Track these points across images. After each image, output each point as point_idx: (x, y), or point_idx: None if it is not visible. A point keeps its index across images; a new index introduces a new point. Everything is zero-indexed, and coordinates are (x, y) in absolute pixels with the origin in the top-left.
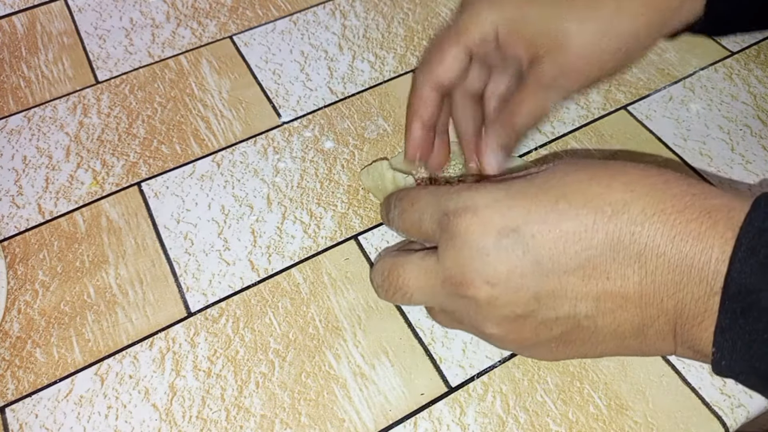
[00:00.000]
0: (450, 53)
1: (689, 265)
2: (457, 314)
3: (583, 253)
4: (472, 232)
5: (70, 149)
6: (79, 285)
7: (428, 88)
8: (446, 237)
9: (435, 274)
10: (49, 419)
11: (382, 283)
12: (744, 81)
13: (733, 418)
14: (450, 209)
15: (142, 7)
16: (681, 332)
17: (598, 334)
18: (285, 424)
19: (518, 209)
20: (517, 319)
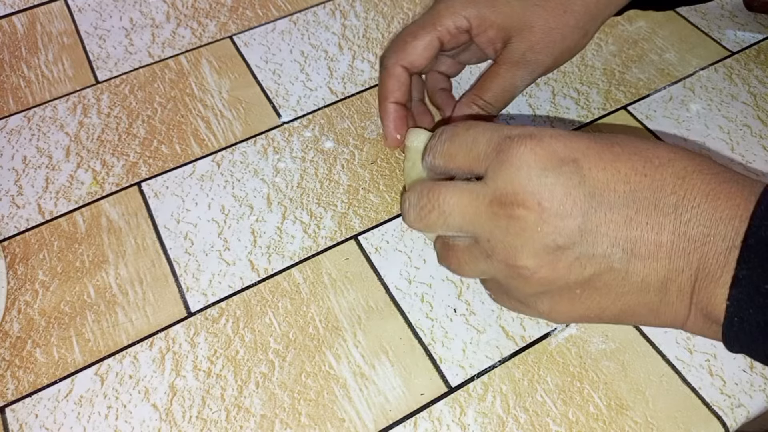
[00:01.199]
0: (423, 40)
1: (718, 219)
2: (491, 241)
3: (630, 194)
4: (533, 155)
5: (70, 149)
6: (79, 285)
7: (399, 69)
8: (503, 158)
9: (482, 195)
10: (49, 419)
11: (419, 201)
12: (744, 81)
13: (733, 418)
14: (513, 134)
15: (142, 7)
16: (699, 289)
17: (626, 283)
18: (285, 424)
19: (579, 144)
20: (557, 249)
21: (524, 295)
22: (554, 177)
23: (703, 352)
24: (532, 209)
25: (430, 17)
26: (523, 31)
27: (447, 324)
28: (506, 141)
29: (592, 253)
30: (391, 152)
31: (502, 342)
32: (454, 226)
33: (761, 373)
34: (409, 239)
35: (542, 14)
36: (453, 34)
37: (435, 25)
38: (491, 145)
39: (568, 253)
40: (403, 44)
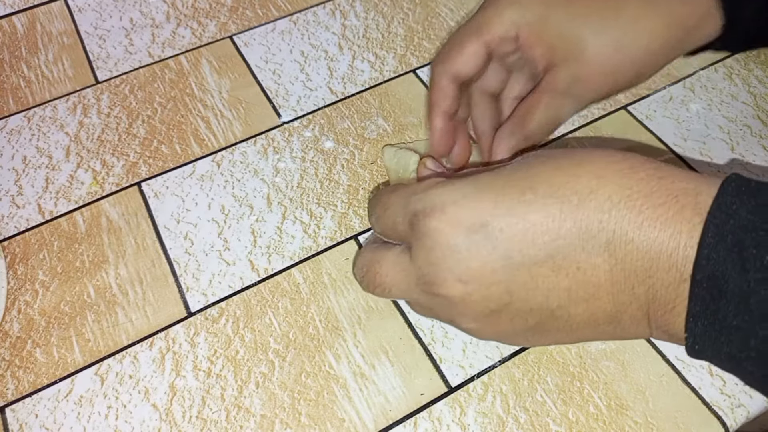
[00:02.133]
0: (470, 48)
1: (658, 251)
2: (434, 310)
3: (551, 243)
4: (440, 231)
5: (70, 149)
6: (79, 285)
7: (446, 79)
8: (416, 237)
9: (409, 272)
10: (49, 419)
11: (363, 278)
12: (744, 81)
13: (733, 418)
14: (418, 209)
15: (142, 7)
16: (654, 318)
17: (572, 323)
18: (285, 424)
19: (485, 203)
20: (492, 313)
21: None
22: (465, 250)
23: None
24: (454, 287)
25: (477, 22)
26: (573, 59)
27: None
28: (414, 219)
29: (528, 308)
30: None
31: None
32: (398, 297)
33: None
34: None
35: (597, 45)
36: (502, 43)
37: (482, 31)
38: (407, 224)
39: (504, 313)
40: (449, 53)
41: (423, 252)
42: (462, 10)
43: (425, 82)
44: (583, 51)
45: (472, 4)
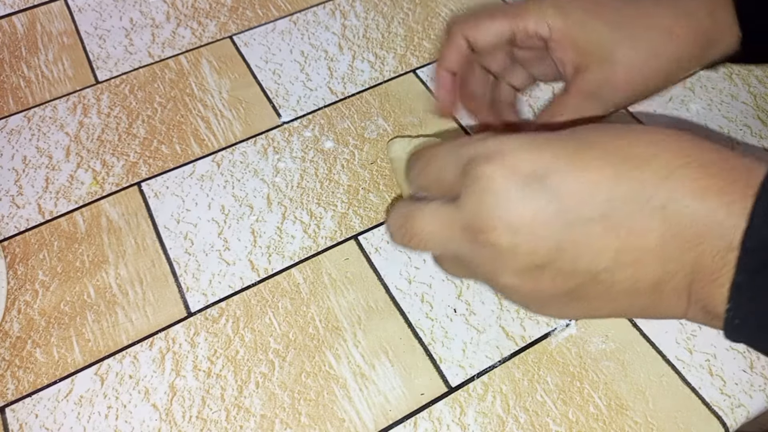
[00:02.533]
0: (498, 24)
1: (711, 219)
2: (472, 264)
3: (607, 203)
4: (497, 177)
5: (70, 149)
6: (79, 285)
7: (461, 38)
8: (469, 182)
9: (454, 221)
10: (49, 419)
11: (398, 229)
12: (744, 81)
13: (733, 418)
14: (475, 155)
15: (142, 7)
16: (696, 289)
17: (613, 290)
18: (285, 424)
19: (545, 156)
20: (535, 269)
21: (519, 305)
22: (520, 199)
23: (703, 352)
24: (503, 235)
25: (516, 8)
26: (604, 63)
27: (447, 324)
28: (470, 164)
29: (573, 268)
30: None
31: (502, 342)
32: (433, 249)
33: (761, 373)
34: None
35: (628, 52)
36: (529, 36)
37: (517, 16)
38: (458, 170)
39: (549, 270)
40: (476, 19)
41: (474, 197)
42: (462, 11)
43: (425, 82)
44: (615, 57)
45: (473, 5)
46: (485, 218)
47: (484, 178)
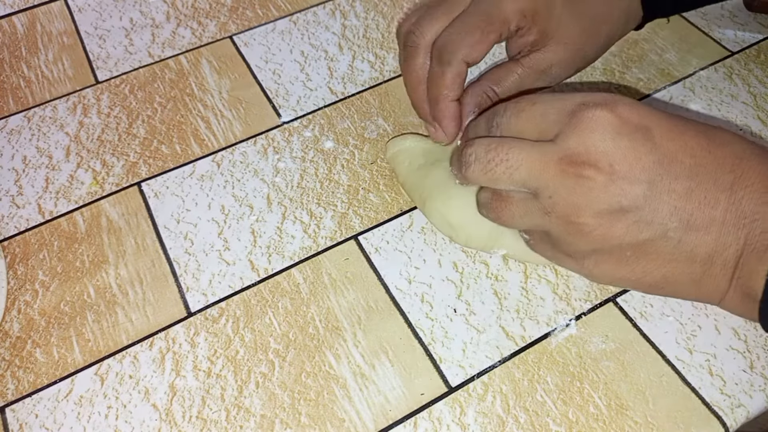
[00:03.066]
0: (491, 36)
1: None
2: (554, 198)
3: (694, 168)
4: (609, 121)
5: (70, 149)
6: (79, 285)
7: (464, 65)
8: (576, 121)
9: (551, 152)
10: (49, 419)
11: (486, 154)
12: (744, 81)
13: (733, 418)
14: (588, 101)
15: (142, 7)
16: (742, 265)
17: (676, 251)
18: (285, 424)
19: (651, 114)
20: (618, 211)
21: (573, 250)
22: (627, 141)
23: (703, 352)
24: (603, 170)
25: (497, 10)
26: (558, 44)
27: (447, 324)
28: (581, 107)
29: (651, 219)
30: None
31: (502, 342)
32: (517, 181)
33: (761, 373)
34: (409, 239)
35: (578, 33)
36: (511, 32)
37: (501, 21)
38: (564, 112)
39: (629, 216)
40: (471, 40)
41: (581, 133)
42: None
43: None
44: (568, 38)
45: None
46: (588, 152)
47: (594, 118)
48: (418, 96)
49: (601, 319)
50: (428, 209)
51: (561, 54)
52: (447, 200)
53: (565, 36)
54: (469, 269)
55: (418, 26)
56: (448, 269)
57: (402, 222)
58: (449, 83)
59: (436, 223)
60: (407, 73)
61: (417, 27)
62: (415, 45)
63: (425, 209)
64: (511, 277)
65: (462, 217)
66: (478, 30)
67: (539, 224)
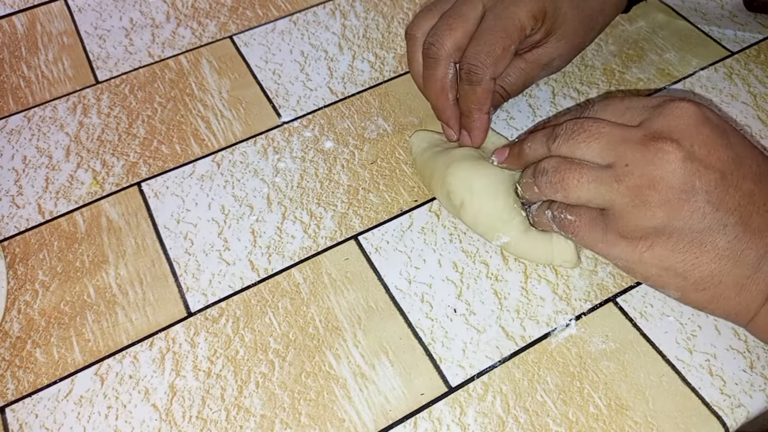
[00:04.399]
0: (511, 49)
1: None
2: (631, 166)
3: (758, 175)
4: (694, 111)
5: (70, 149)
6: (79, 285)
7: (493, 82)
8: (662, 109)
9: (633, 131)
10: (49, 419)
11: (573, 125)
12: (744, 81)
13: (733, 418)
14: (671, 97)
15: (142, 7)
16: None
17: (730, 247)
18: (285, 424)
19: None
20: (690, 191)
21: (631, 229)
22: (709, 130)
23: (703, 352)
24: (684, 148)
25: (512, 21)
26: (559, 40)
27: (447, 324)
28: (667, 100)
29: (716, 207)
30: (391, 152)
31: (502, 342)
32: (596, 149)
33: (761, 373)
34: (409, 239)
35: (577, 27)
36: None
37: (518, 31)
38: (650, 105)
39: (698, 198)
40: (496, 58)
41: (667, 117)
42: None
43: None
44: (568, 33)
45: None
46: (671, 131)
47: (682, 107)
48: (442, 104)
49: (601, 319)
50: (452, 170)
51: (562, 48)
52: (474, 166)
53: (567, 31)
54: (469, 269)
55: (438, 38)
56: (448, 269)
57: (402, 222)
58: (482, 99)
59: (454, 186)
60: (431, 83)
61: (436, 39)
62: (437, 57)
63: (448, 171)
64: (511, 277)
65: (486, 184)
66: (500, 47)
67: (604, 194)
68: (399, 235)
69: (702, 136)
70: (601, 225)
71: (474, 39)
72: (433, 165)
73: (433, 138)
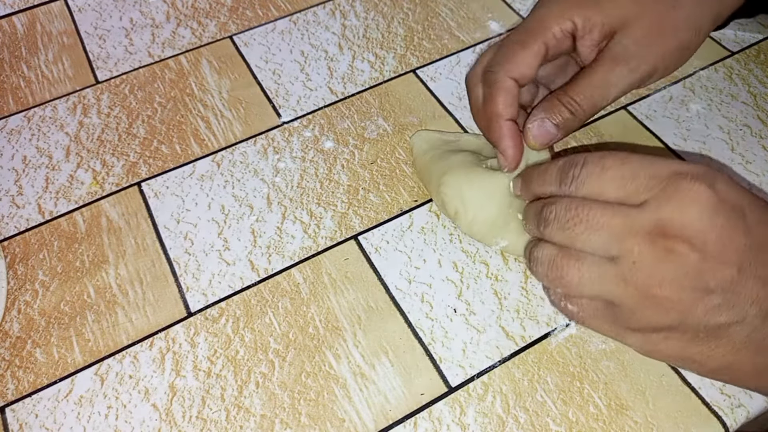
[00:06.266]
0: (533, 47)
1: None
2: (638, 266)
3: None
4: (707, 197)
5: (70, 149)
6: (79, 285)
7: (510, 81)
8: (672, 191)
9: (639, 220)
10: (49, 419)
11: (566, 213)
12: (744, 81)
13: (733, 418)
14: (681, 171)
15: (142, 7)
16: None
17: (748, 340)
18: (285, 424)
19: (745, 194)
20: (703, 290)
21: (643, 325)
22: (724, 220)
23: None
24: (696, 247)
25: (535, 22)
26: (629, 25)
27: (447, 324)
28: (676, 176)
29: (733, 303)
30: (391, 152)
31: (502, 342)
32: (596, 243)
33: None
34: (409, 239)
35: (651, 6)
36: (559, 39)
37: (541, 30)
38: (657, 178)
39: (713, 297)
40: (512, 54)
41: (677, 206)
42: (462, 10)
43: (425, 82)
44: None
45: (473, 4)
46: (684, 227)
47: (693, 191)
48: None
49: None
50: (446, 180)
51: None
52: (468, 175)
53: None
54: (469, 269)
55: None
56: (448, 269)
57: (402, 222)
58: (501, 102)
59: (447, 197)
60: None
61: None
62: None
63: (442, 180)
64: (511, 277)
65: (477, 194)
66: (518, 44)
67: (609, 291)
68: (399, 235)
69: (717, 229)
70: (608, 317)
71: None
72: (430, 172)
73: (433, 139)
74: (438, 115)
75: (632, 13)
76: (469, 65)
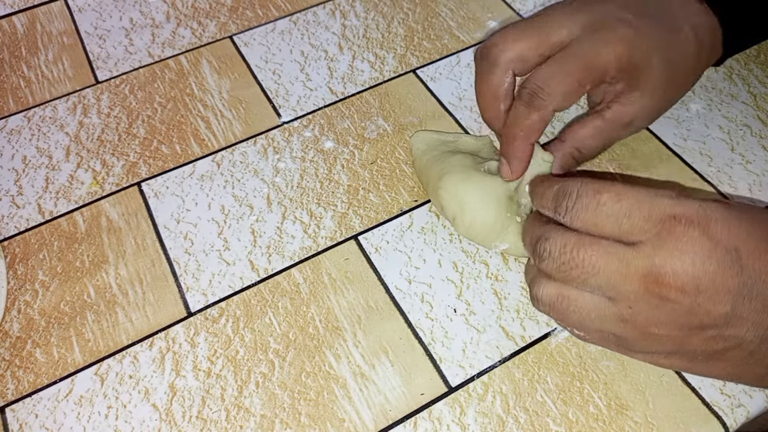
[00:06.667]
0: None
1: None
2: (634, 309)
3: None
4: (700, 244)
5: (70, 149)
6: (79, 285)
7: (553, 113)
8: (666, 236)
9: (634, 265)
10: (49, 419)
11: (560, 255)
12: (744, 81)
13: (733, 418)
14: (676, 213)
15: (142, 7)
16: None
17: (747, 359)
18: (285, 424)
19: (741, 231)
20: (698, 327)
21: (645, 351)
22: (716, 266)
23: None
24: (689, 294)
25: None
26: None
27: (447, 324)
28: (671, 221)
29: (728, 334)
30: (391, 152)
31: (502, 342)
32: (593, 285)
33: None
34: (409, 239)
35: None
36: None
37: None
38: (651, 220)
39: (708, 331)
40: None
41: (670, 253)
42: (462, 10)
43: (425, 82)
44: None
45: (472, 4)
46: (677, 274)
47: (686, 238)
48: (491, 115)
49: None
50: (443, 183)
51: (645, 105)
52: (465, 179)
53: (653, 88)
54: (469, 269)
55: (502, 40)
56: (448, 269)
57: (402, 222)
58: (533, 128)
59: (445, 201)
60: (484, 90)
61: (500, 40)
62: (495, 61)
63: (440, 183)
64: (511, 277)
65: (475, 199)
66: (575, 80)
67: (610, 328)
68: (399, 235)
69: (709, 275)
70: (613, 341)
71: (551, 60)
72: (428, 174)
73: (432, 139)
74: (438, 115)
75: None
76: (469, 65)
